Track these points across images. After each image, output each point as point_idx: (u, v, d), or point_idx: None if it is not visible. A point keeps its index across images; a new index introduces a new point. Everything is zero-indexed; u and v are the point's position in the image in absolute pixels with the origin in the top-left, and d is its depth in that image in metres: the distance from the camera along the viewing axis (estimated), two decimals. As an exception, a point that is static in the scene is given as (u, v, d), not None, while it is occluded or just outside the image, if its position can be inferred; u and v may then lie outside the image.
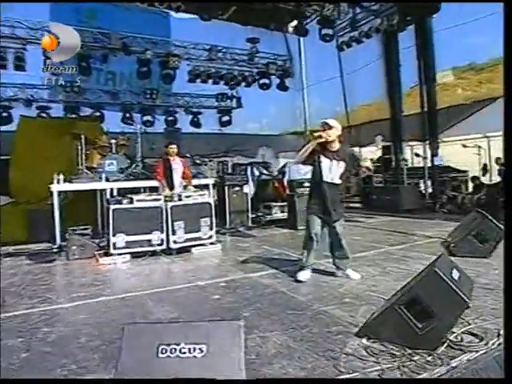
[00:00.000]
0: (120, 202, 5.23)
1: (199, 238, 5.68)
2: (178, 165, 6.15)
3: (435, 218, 8.83)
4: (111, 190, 6.59)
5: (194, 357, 1.38)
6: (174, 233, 5.46)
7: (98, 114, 10.61)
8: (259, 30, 13.76)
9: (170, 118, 13.13)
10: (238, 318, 2.35)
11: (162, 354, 1.40)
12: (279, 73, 13.38)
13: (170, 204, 5.45)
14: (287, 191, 9.38)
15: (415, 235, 6.65)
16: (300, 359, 2.20)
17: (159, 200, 5.44)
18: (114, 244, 5.12)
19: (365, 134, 14.22)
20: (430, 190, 11.36)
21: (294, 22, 14.50)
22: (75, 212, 6.57)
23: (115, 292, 3.69)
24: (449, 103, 12.65)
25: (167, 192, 5.82)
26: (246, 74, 12.59)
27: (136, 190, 6.64)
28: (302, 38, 15.34)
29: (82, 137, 6.74)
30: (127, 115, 11.63)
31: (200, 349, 1.39)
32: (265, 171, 9.85)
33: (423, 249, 5.47)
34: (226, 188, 8.35)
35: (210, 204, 5.80)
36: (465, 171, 11.91)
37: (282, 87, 13.90)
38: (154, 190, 6.57)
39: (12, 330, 2.80)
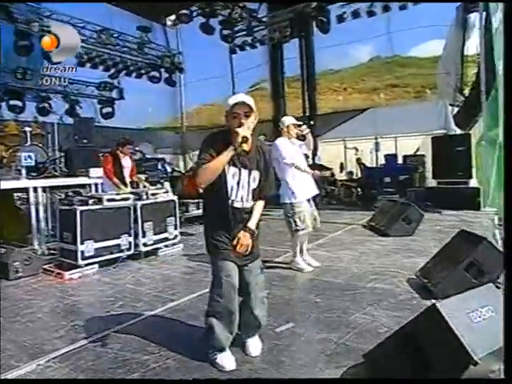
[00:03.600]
0: (86, 203, 4.45)
1: (166, 239, 5.33)
2: (127, 162, 5.58)
3: (323, 209, 10.33)
4: (35, 189, 5.41)
5: (490, 317, 1.68)
6: (143, 235, 4.98)
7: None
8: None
9: (43, 105, 11.11)
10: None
11: (474, 320, 1.64)
12: (170, 67, 13.02)
13: (139, 203, 4.93)
14: (200, 189, 9.38)
15: (334, 223, 7.80)
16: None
17: (128, 199, 4.86)
18: (82, 253, 4.34)
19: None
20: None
21: (173, 16, 14.33)
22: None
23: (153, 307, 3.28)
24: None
25: (125, 189, 5.24)
26: (140, 64, 11.78)
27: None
28: (179, 34, 15.10)
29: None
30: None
31: (489, 310, 1.70)
32: (176, 168, 9.50)
33: (358, 233, 6.56)
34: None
35: (174, 202, 5.49)
36: (330, 168, 14.16)
37: (170, 82, 13.57)
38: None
39: None
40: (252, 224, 2.21)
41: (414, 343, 1.74)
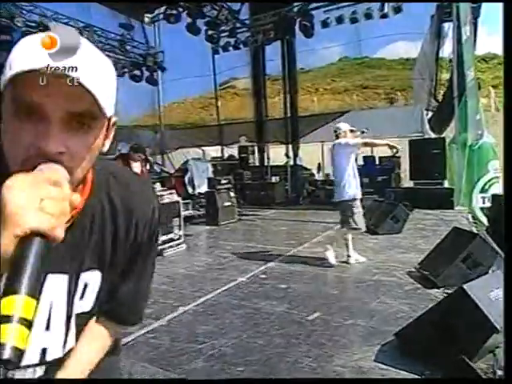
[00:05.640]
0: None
1: (172, 240, 5.52)
2: (137, 168, 5.71)
3: (308, 209, 10.80)
4: None
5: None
6: (152, 235, 5.14)
7: None
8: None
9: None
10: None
11: (493, 299, 2.03)
12: (152, 66, 13.03)
13: (149, 205, 5.08)
14: (189, 190, 9.58)
15: (323, 222, 8.21)
16: None
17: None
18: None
19: (229, 134, 15.36)
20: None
21: (151, 14, 14.31)
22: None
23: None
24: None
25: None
26: (122, 62, 11.73)
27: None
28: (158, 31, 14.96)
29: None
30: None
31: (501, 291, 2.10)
32: (164, 168, 9.57)
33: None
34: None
35: (179, 203, 5.69)
36: (309, 169, 14.66)
37: (152, 81, 13.56)
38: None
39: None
40: None
41: (445, 320, 2.12)
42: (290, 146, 13.26)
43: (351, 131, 4.54)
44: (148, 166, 6.55)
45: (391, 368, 2.18)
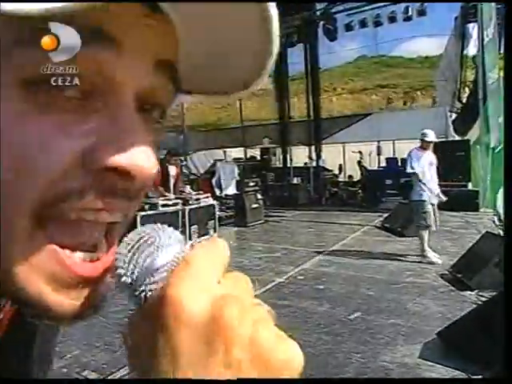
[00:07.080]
0: (142, 208, 4.88)
1: (207, 241, 5.79)
2: (173, 171, 6.01)
3: (331, 210, 10.94)
4: None
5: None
6: (190, 238, 5.44)
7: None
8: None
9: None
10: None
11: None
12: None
13: (187, 207, 5.39)
14: (216, 192, 9.86)
15: (349, 224, 8.37)
16: None
17: (177, 204, 5.32)
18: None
19: (252, 136, 15.60)
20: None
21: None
22: None
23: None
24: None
25: (169, 195, 5.67)
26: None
27: None
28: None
29: None
30: None
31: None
32: (192, 170, 9.86)
33: (375, 234, 7.16)
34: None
35: (214, 206, 5.96)
36: (331, 170, 14.75)
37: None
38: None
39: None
40: None
41: (487, 321, 2.29)
42: (313, 148, 13.39)
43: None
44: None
45: (436, 365, 2.37)
